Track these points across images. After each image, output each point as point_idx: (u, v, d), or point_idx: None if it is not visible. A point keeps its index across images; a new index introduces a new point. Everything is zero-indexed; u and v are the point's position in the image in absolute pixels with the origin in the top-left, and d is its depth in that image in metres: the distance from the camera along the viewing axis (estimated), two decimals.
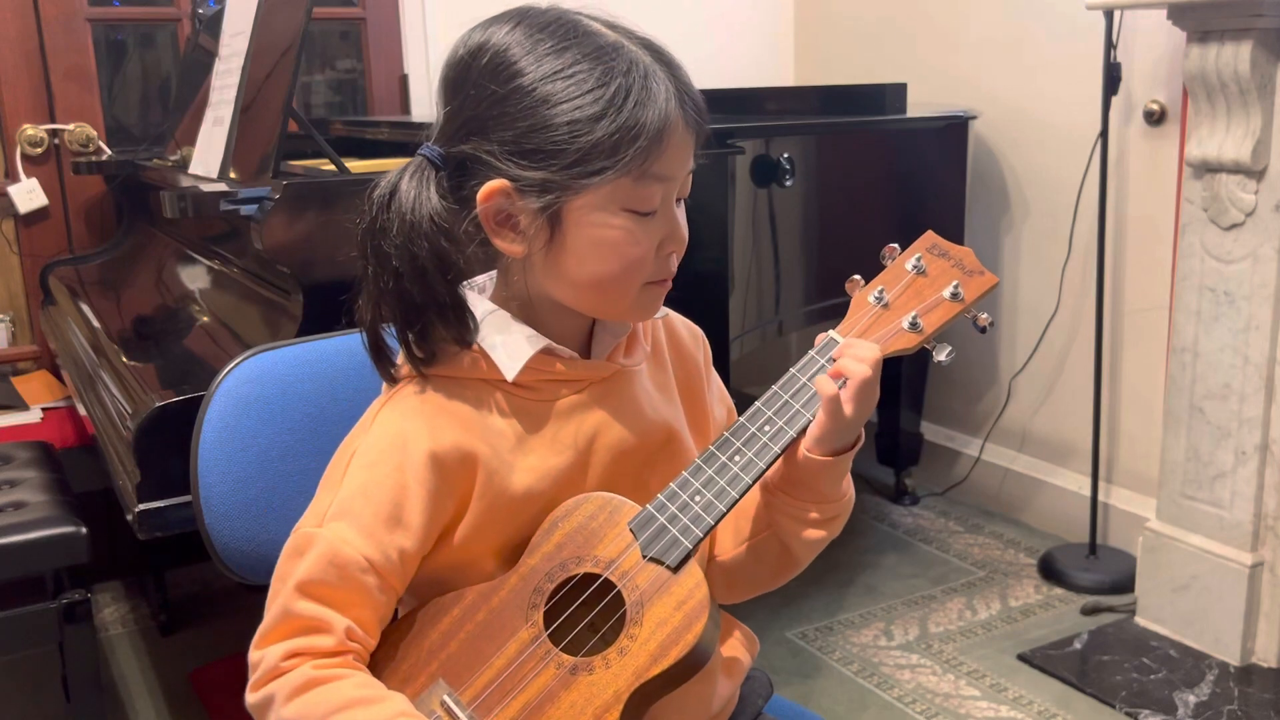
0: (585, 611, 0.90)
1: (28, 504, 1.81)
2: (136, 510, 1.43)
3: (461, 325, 0.89)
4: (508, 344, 0.90)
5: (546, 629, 0.88)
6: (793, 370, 0.94)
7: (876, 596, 2.54)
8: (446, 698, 0.87)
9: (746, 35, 3.43)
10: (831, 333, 0.95)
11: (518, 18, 0.88)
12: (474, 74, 0.87)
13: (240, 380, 1.09)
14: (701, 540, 0.89)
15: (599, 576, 0.89)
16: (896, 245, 0.97)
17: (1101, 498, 2.67)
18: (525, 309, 0.92)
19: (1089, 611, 2.43)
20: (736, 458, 0.90)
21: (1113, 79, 2.43)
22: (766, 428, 0.91)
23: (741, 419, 0.92)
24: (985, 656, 2.28)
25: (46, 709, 2.11)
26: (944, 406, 3.12)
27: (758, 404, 0.92)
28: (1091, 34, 2.52)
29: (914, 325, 0.94)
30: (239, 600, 2.56)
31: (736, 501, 0.90)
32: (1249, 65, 2.01)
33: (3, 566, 1.67)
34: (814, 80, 3.46)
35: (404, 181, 0.88)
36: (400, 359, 0.93)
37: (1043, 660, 2.24)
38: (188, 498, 1.08)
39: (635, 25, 0.91)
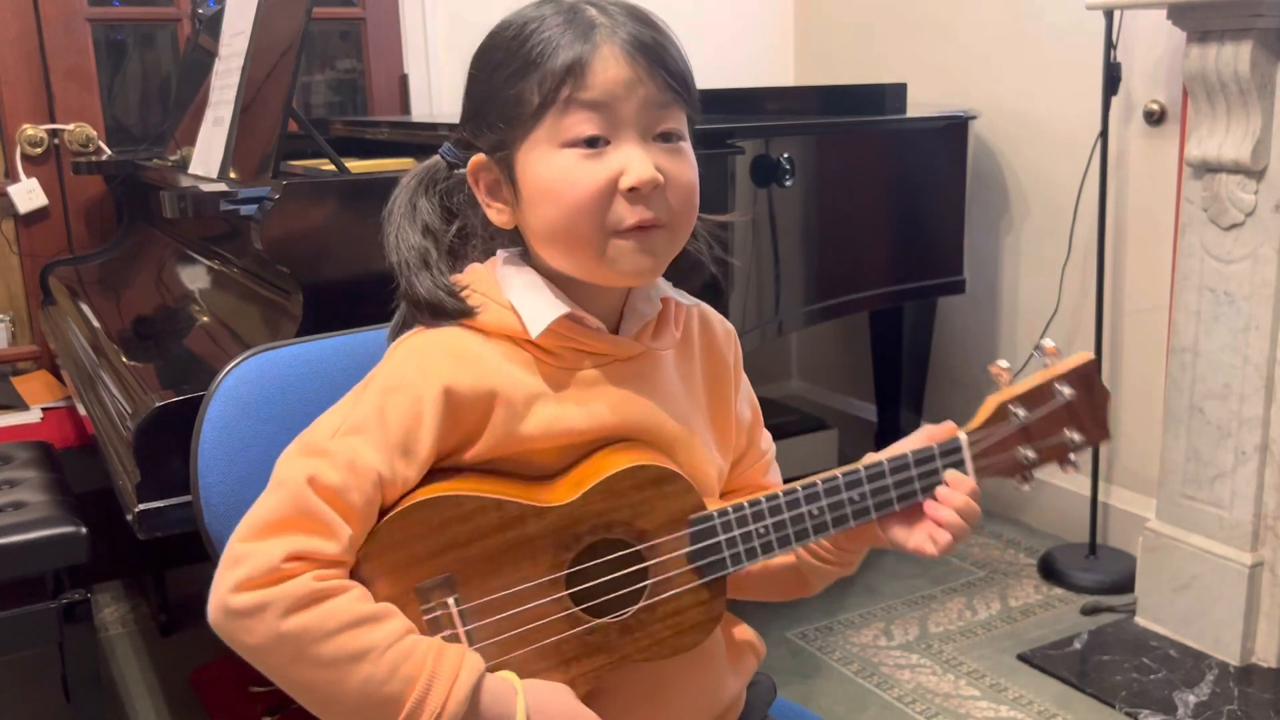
0: (609, 574, 0.90)
1: (28, 504, 1.81)
2: (136, 510, 1.43)
3: (438, 313, 0.91)
4: (536, 304, 0.90)
5: (569, 573, 0.89)
6: (908, 455, 0.92)
7: (876, 596, 2.54)
8: (452, 601, 0.87)
9: (746, 35, 3.43)
10: (961, 434, 0.93)
11: (519, 9, 0.92)
12: (470, 68, 0.93)
13: (240, 380, 1.09)
14: (744, 566, 0.91)
15: (639, 554, 0.90)
16: (1056, 348, 0.94)
17: (1101, 498, 2.67)
18: (557, 282, 0.92)
19: (1089, 611, 2.43)
20: (816, 513, 0.91)
21: (1113, 79, 2.43)
22: (856, 499, 0.91)
23: (839, 478, 0.91)
24: (985, 656, 2.28)
25: (46, 709, 2.11)
26: (944, 406, 3.11)
27: (861, 470, 0.91)
28: (1091, 34, 2.52)
29: (1028, 461, 0.92)
30: None
31: (791, 548, 0.92)
32: (1249, 65, 2.01)
33: (3, 566, 1.67)
34: (814, 80, 3.46)
35: (407, 183, 0.96)
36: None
37: (1043, 660, 2.24)
38: (188, 498, 1.08)
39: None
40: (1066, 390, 0.92)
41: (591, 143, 0.86)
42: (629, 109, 0.86)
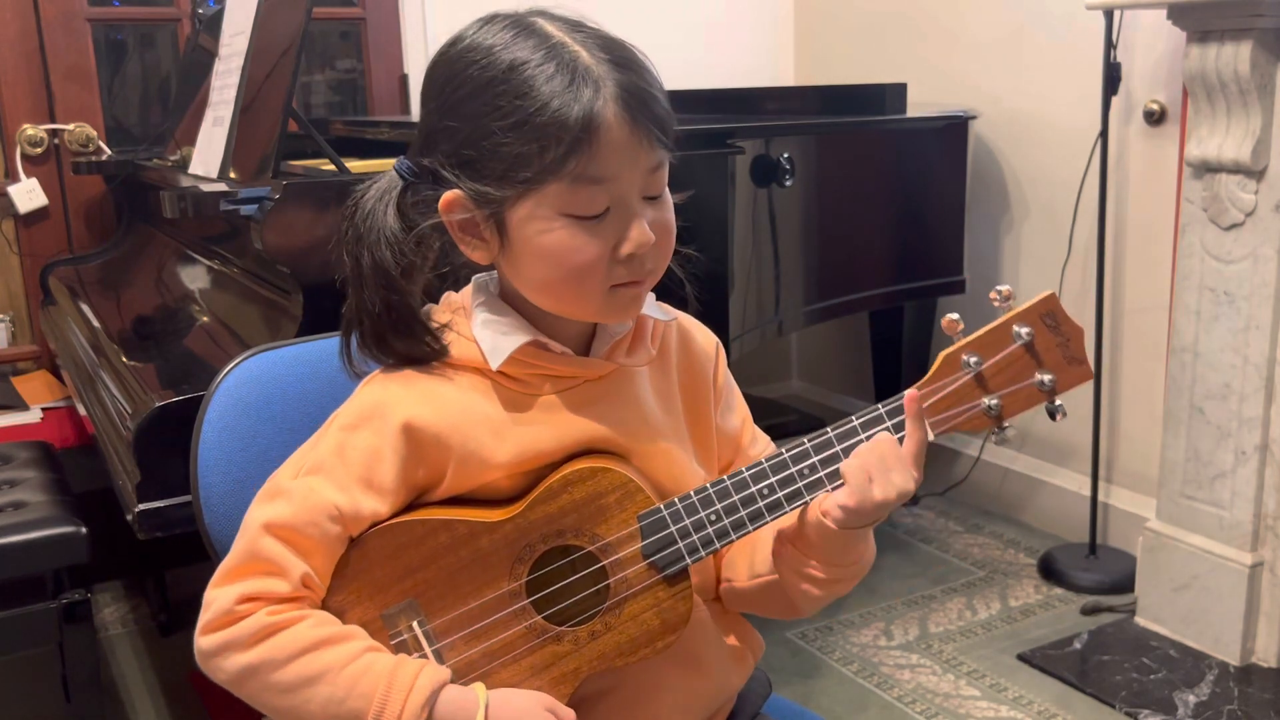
0: (567, 580, 0.90)
1: (28, 504, 1.81)
2: (136, 510, 1.43)
3: (411, 339, 0.90)
4: (498, 333, 0.91)
5: (528, 583, 0.89)
6: (854, 420, 0.88)
7: (876, 596, 2.54)
8: (416, 624, 0.88)
9: (746, 35, 3.43)
10: (909, 391, 0.88)
11: (480, 23, 0.88)
12: (431, 85, 0.89)
13: (240, 380, 1.09)
14: (702, 559, 0.89)
15: (593, 557, 0.89)
16: (1011, 290, 0.89)
17: (1101, 498, 2.67)
18: (524, 306, 0.92)
19: (1089, 611, 2.43)
20: (766, 493, 0.88)
21: (1113, 79, 2.43)
22: (806, 472, 0.88)
23: (785, 454, 0.89)
24: (985, 656, 2.28)
25: (46, 709, 2.11)
26: None
27: (806, 443, 0.88)
28: (1091, 34, 2.52)
29: (991, 410, 0.88)
30: None
31: (749, 533, 0.89)
32: (1249, 65, 2.01)
33: (3, 566, 1.67)
34: (814, 80, 3.46)
35: (369, 193, 0.91)
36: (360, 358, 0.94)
37: (1043, 660, 2.24)
38: (188, 498, 1.08)
39: (600, 25, 0.88)
40: (1025, 330, 0.87)
41: (597, 214, 0.86)
42: (631, 179, 0.85)
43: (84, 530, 1.73)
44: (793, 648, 2.33)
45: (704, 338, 1.04)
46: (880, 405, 0.89)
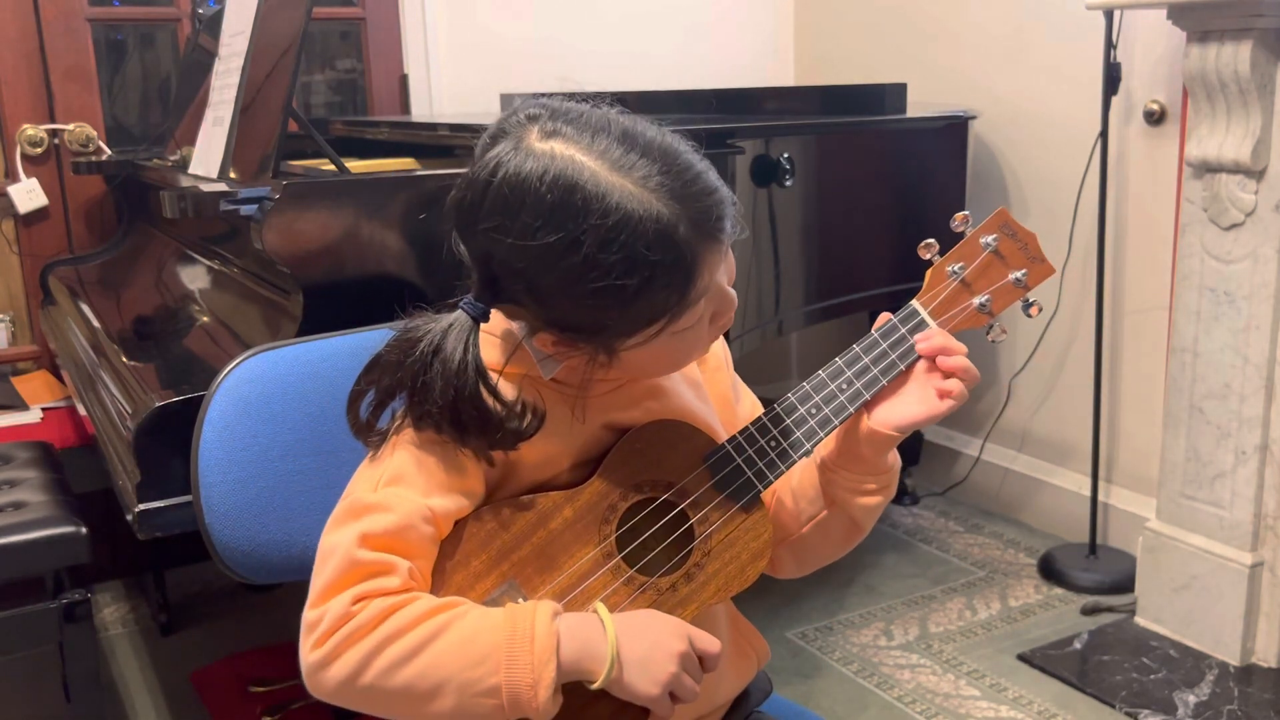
0: (653, 530, 0.94)
1: (28, 504, 1.81)
2: (136, 510, 1.43)
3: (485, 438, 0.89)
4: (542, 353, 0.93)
5: (617, 540, 0.93)
6: (875, 334, 0.98)
7: (876, 596, 2.54)
8: (520, 601, 0.90)
9: (746, 35, 3.43)
10: (914, 303, 0.99)
11: (536, 142, 0.84)
12: (487, 213, 0.84)
13: (240, 380, 1.09)
14: (772, 484, 0.95)
15: (672, 503, 0.94)
16: (969, 215, 1.00)
17: (1101, 498, 2.67)
18: None
19: (1089, 611, 2.43)
20: (814, 411, 0.96)
21: (1113, 79, 2.43)
22: (845, 387, 0.96)
23: (822, 374, 0.97)
24: (985, 656, 2.28)
25: (46, 709, 2.11)
26: None
27: (839, 362, 0.97)
28: (1091, 34, 2.52)
29: (984, 307, 0.99)
30: (239, 600, 2.56)
31: (809, 453, 0.95)
32: (1249, 65, 2.01)
33: (3, 566, 1.67)
34: (814, 80, 3.46)
35: (448, 341, 0.87)
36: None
37: (1043, 660, 2.24)
38: (188, 498, 1.08)
39: (648, 126, 0.87)
40: (990, 239, 0.99)
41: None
42: (717, 274, 0.90)
43: (84, 530, 1.73)
44: (793, 648, 2.33)
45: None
46: (893, 317, 0.98)
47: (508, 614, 0.85)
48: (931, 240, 1.00)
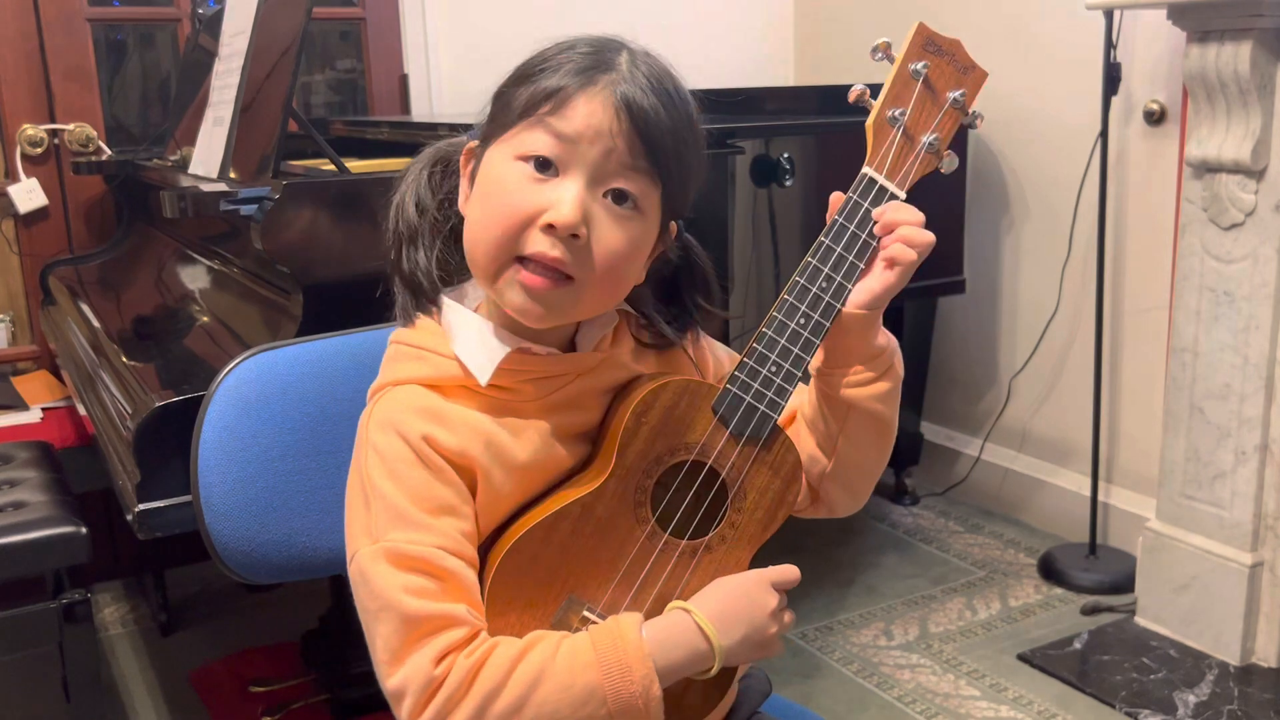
0: (688, 497, 0.94)
1: (28, 504, 1.81)
2: (136, 510, 1.43)
3: (415, 292, 0.94)
4: (482, 349, 0.91)
5: (657, 519, 0.92)
6: (838, 219, 0.94)
7: (876, 596, 2.54)
8: (586, 613, 0.90)
9: (746, 35, 3.43)
10: (867, 170, 0.95)
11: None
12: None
13: (240, 380, 1.09)
14: (784, 407, 0.93)
15: (696, 463, 0.93)
16: (889, 41, 0.96)
17: (1101, 498, 2.67)
18: (505, 315, 0.92)
19: (1089, 611, 2.43)
20: (803, 320, 0.92)
21: (1113, 79, 2.43)
22: (825, 284, 0.93)
23: (799, 279, 0.92)
24: (985, 656, 2.28)
25: (46, 709, 2.11)
26: (944, 406, 3.11)
27: (811, 260, 0.93)
28: (1091, 34, 2.52)
29: (932, 147, 0.95)
30: (239, 600, 2.56)
31: (808, 362, 0.93)
32: (1249, 65, 2.01)
33: (3, 566, 1.67)
34: (814, 80, 3.46)
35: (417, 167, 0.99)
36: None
37: (1043, 660, 2.24)
38: (188, 498, 1.08)
39: (678, 77, 0.94)
40: (920, 66, 0.96)
41: (542, 166, 0.86)
42: (590, 153, 0.86)
43: (84, 530, 1.73)
44: (793, 648, 2.33)
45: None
46: (853, 194, 0.95)
47: (595, 648, 0.85)
48: (861, 87, 0.96)
